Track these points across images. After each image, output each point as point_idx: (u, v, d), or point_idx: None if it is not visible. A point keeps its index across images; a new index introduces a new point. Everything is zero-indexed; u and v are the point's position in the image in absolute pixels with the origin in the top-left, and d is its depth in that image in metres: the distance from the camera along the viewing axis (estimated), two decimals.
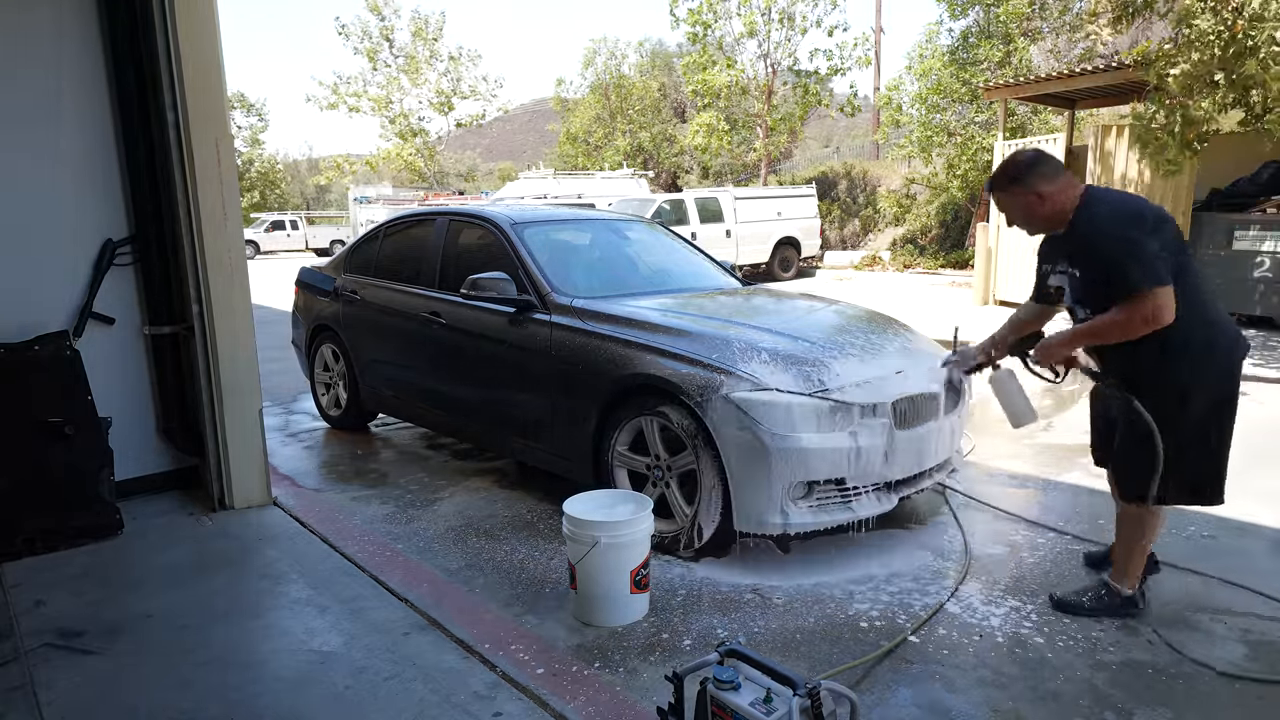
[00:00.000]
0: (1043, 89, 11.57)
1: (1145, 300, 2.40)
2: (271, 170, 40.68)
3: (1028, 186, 2.61)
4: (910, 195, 21.69)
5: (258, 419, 3.97)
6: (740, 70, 23.55)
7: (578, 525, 2.81)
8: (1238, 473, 2.96)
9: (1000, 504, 3.97)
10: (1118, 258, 2.45)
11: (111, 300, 3.93)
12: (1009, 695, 2.43)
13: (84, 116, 3.79)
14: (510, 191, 20.31)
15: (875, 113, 24.88)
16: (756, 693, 1.89)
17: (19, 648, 2.70)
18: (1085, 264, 2.60)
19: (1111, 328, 2.49)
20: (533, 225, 4.42)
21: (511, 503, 4.14)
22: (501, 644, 2.71)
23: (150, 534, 3.67)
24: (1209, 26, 6.59)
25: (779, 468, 3.05)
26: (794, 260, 17.76)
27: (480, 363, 4.24)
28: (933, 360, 3.62)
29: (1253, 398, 5.66)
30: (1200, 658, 2.59)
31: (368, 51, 32.55)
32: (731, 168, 27.57)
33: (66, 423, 3.57)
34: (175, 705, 2.39)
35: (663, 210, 15.67)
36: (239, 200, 3.86)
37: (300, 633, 2.80)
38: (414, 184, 33.11)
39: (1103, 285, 2.52)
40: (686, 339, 3.41)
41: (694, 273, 4.78)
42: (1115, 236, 2.46)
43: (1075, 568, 3.28)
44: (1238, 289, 8.86)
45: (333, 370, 5.53)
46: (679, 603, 3.02)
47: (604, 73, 32.81)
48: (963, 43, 18.86)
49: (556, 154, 35.73)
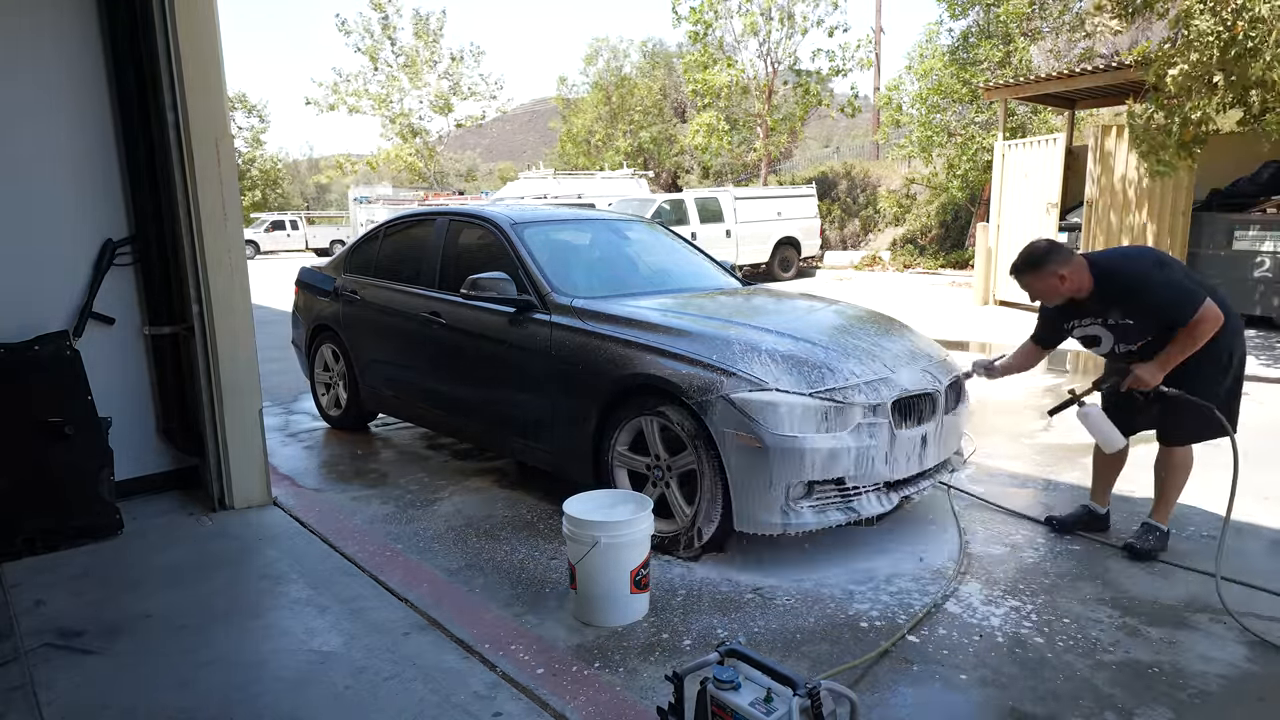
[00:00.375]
0: (1043, 89, 11.57)
1: (1202, 317, 2.98)
2: (273, 170, 40.67)
3: (1050, 270, 3.13)
4: (910, 195, 21.69)
5: (258, 419, 3.97)
6: (741, 70, 23.56)
7: (578, 525, 2.81)
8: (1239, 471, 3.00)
9: (1000, 504, 3.98)
10: (1164, 300, 3.04)
11: (111, 300, 3.93)
12: (1009, 695, 2.43)
13: (84, 116, 3.79)
14: (510, 191, 20.31)
15: (875, 113, 24.88)
16: (756, 693, 1.89)
17: (19, 648, 2.70)
18: (1137, 313, 3.12)
19: (1189, 345, 3.04)
20: (533, 225, 4.42)
21: (511, 503, 4.14)
22: (501, 644, 2.71)
23: (150, 534, 3.67)
24: (1208, 27, 6.59)
25: (779, 468, 3.05)
26: (794, 260, 17.75)
27: (480, 363, 4.24)
28: (933, 360, 3.62)
29: (1253, 398, 5.66)
30: (1200, 657, 2.59)
31: (369, 50, 32.56)
32: (732, 168, 27.56)
33: (66, 423, 3.56)
34: (175, 705, 2.39)
35: (663, 210, 15.67)
36: (239, 200, 3.86)
37: (300, 633, 2.80)
38: (414, 184, 33.12)
39: (1157, 320, 3.09)
40: (687, 339, 3.41)
41: (694, 273, 4.78)
42: (1157, 283, 3.06)
43: (1076, 567, 3.28)
44: (1238, 289, 8.84)
45: (333, 370, 5.53)
46: (679, 603, 3.02)
47: (606, 72, 32.82)
48: (963, 43, 18.86)
49: (557, 154, 35.73)
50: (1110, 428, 3.30)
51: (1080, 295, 3.19)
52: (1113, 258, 3.28)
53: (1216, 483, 3.43)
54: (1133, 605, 2.96)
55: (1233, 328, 3.15)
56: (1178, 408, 3.14)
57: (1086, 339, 3.35)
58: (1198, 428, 3.20)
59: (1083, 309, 3.25)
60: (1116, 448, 3.37)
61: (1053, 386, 6.56)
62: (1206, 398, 3.07)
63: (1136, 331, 3.17)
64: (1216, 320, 2.99)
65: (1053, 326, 3.45)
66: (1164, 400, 3.15)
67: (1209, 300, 2.99)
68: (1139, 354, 3.21)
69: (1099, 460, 3.62)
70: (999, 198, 11.78)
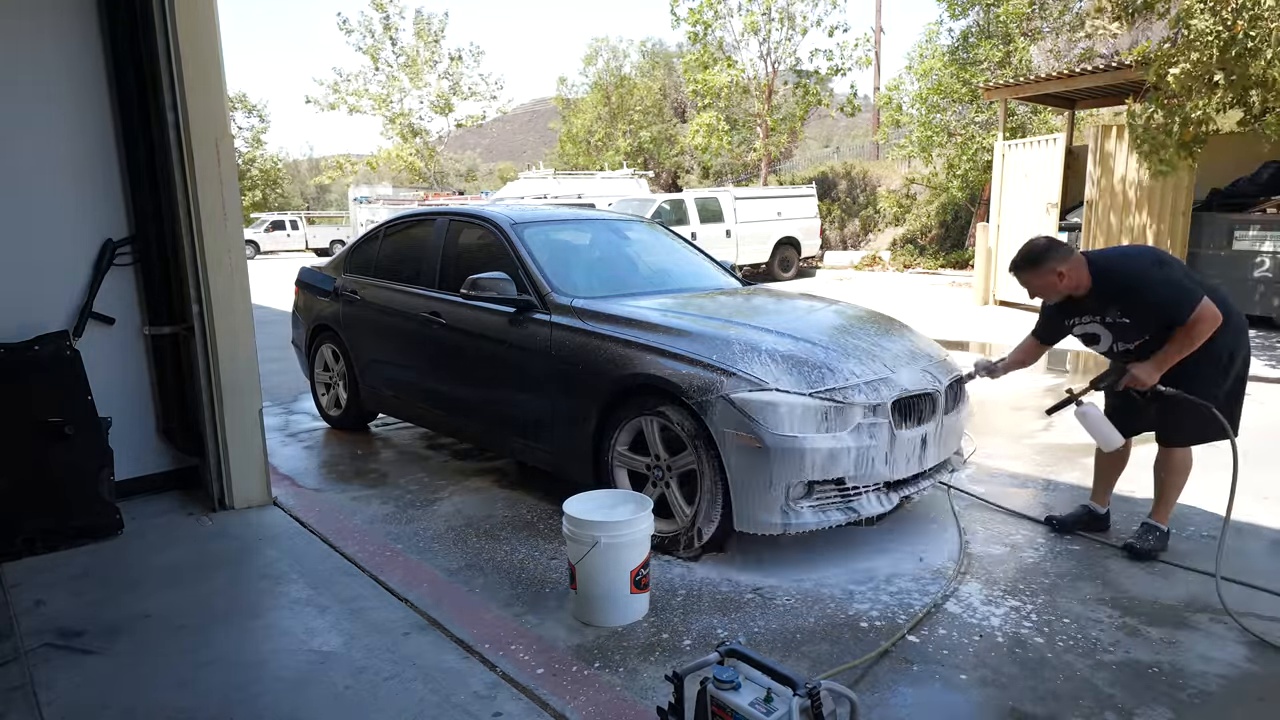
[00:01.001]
0: (1043, 89, 11.57)
1: (1199, 316, 2.96)
2: (273, 170, 40.67)
3: (1049, 267, 3.13)
4: (910, 195, 21.68)
5: (258, 419, 3.97)
6: (740, 70, 23.55)
7: (578, 525, 2.81)
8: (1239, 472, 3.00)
9: (1000, 504, 3.98)
10: (1162, 299, 3.03)
11: (111, 300, 3.93)
12: (1009, 695, 2.43)
13: (84, 117, 3.79)
14: (510, 191, 20.31)
15: (875, 113, 24.88)
16: (756, 693, 1.89)
17: (19, 648, 2.70)
18: (1135, 311, 3.12)
19: (1186, 345, 3.02)
20: (533, 225, 4.42)
21: (511, 503, 4.14)
22: (501, 644, 2.71)
23: (150, 534, 3.67)
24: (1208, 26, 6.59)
25: (779, 468, 3.05)
26: (794, 260, 17.75)
27: (480, 363, 4.24)
28: (933, 360, 3.62)
29: (1253, 398, 5.65)
30: (1200, 657, 2.59)
31: (369, 50, 32.56)
32: (732, 168, 27.56)
33: (66, 423, 3.56)
34: (175, 705, 2.39)
35: (663, 210, 15.67)
36: (239, 200, 3.86)
37: (300, 633, 2.80)
38: (414, 184, 33.11)
39: (1154, 319, 3.08)
40: (687, 339, 3.41)
41: (694, 273, 4.78)
42: (1154, 281, 3.05)
43: (1076, 567, 3.28)
44: (1238, 289, 8.83)
45: (333, 370, 5.53)
46: (679, 603, 3.02)
47: (605, 72, 32.81)
48: (963, 43, 18.86)
49: (557, 154, 35.73)
50: (1108, 427, 3.30)
51: (1079, 293, 3.19)
52: (1111, 256, 3.28)
53: (1216, 483, 3.43)
54: (1133, 605, 2.96)
55: (1235, 327, 3.14)
56: (1177, 408, 3.13)
57: (1086, 336, 3.36)
58: (1198, 429, 3.19)
59: (1081, 306, 3.26)
60: (1114, 447, 3.36)
61: (1053, 386, 6.56)
62: (1205, 398, 3.06)
63: (1134, 330, 3.17)
64: (1215, 320, 2.98)
65: (1053, 323, 3.46)
66: (1162, 400, 3.15)
67: (1207, 300, 2.98)
68: (1137, 353, 3.20)
69: (1100, 460, 3.62)
70: (999, 198, 11.78)
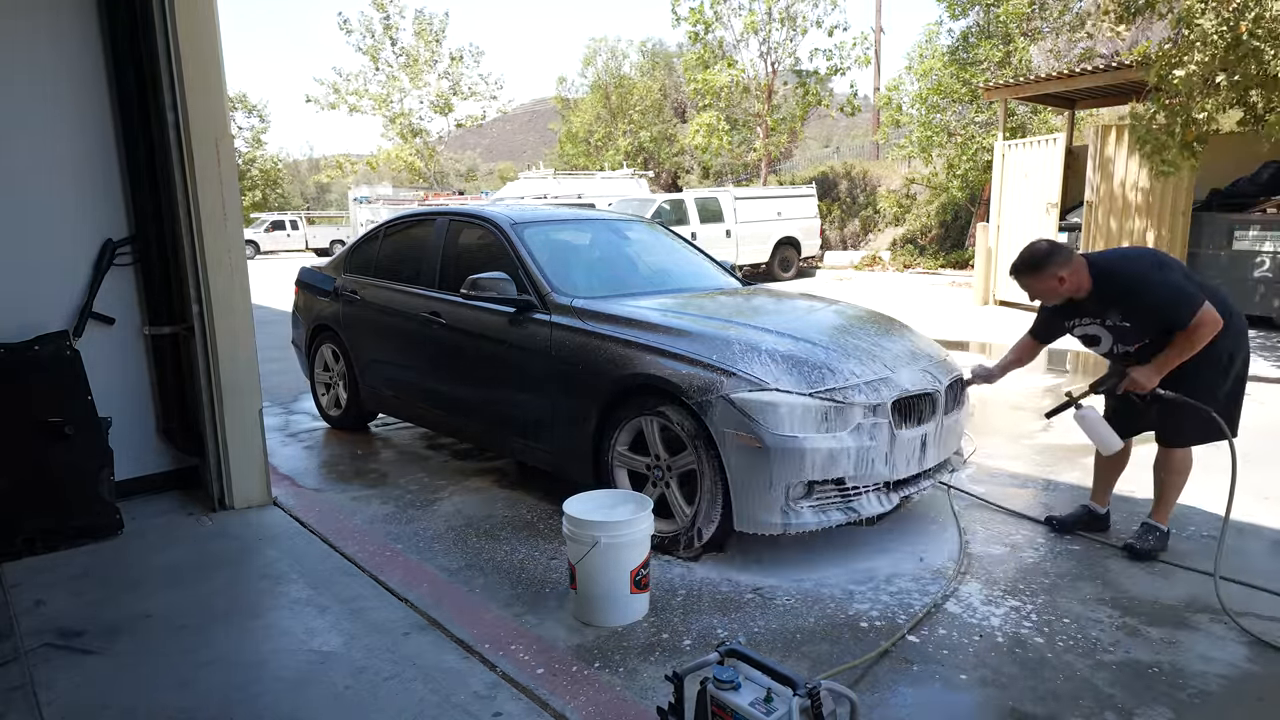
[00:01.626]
0: (1043, 89, 11.57)
1: (1200, 320, 2.96)
2: (273, 170, 40.67)
3: (1050, 272, 3.13)
4: (910, 195, 21.68)
5: (258, 419, 3.97)
6: (741, 70, 23.55)
7: (578, 525, 2.81)
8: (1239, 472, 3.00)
9: (1000, 504, 3.97)
10: (1162, 301, 3.03)
11: (111, 300, 3.93)
12: (1009, 695, 2.43)
13: (84, 117, 3.79)
14: (510, 191, 20.31)
15: (875, 113, 24.88)
16: (756, 693, 1.89)
17: (19, 648, 2.70)
18: (1135, 314, 3.11)
19: (1186, 349, 3.02)
20: (533, 225, 4.41)
21: (511, 503, 4.14)
22: (501, 644, 2.71)
23: (150, 534, 3.67)
24: (1211, 27, 6.58)
25: (779, 468, 3.05)
26: (794, 260, 17.75)
27: (480, 363, 4.24)
28: (933, 360, 3.62)
29: (1253, 398, 5.65)
30: (1200, 657, 2.59)
31: (369, 50, 32.55)
32: (732, 168, 27.56)
33: (66, 423, 3.56)
34: (175, 705, 2.39)
35: (663, 210, 15.67)
36: (239, 200, 3.86)
37: (300, 633, 2.80)
38: (414, 184, 33.11)
39: (1155, 322, 3.08)
40: (687, 339, 3.41)
41: (694, 273, 4.78)
42: (1155, 285, 3.04)
43: (1076, 567, 3.28)
44: (1238, 289, 8.84)
45: (333, 370, 5.53)
46: (679, 603, 3.02)
47: (605, 72, 32.81)
48: (963, 43, 18.86)
49: (557, 154, 35.73)
50: (1107, 430, 3.30)
51: (1079, 295, 3.19)
52: (1112, 258, 3.29)
53: (1216, 483, 3.43)
54: (1133, 605, 2.96)
55: (1235, 329, 3.14)
56: (1177, 410, 3.13)
57: (1086, 338, 3.36)
58: (1198, 430, 3.18)
59: (1081, 309, 3.26)
60: (1113, 450, 3.36)
61: (1053, 387, 6.56)
62: (1205, 401, 3.05)
63: (1134, 333, 3.17)
64: (1215, 324, 2.97)
65: (1051, 324, 3.46)
66: (1162, 403, 3.15)
67: (1208, 304, 2.98)
68: (1137, 356, 3.20)
69: (1100, 461, 3.62)
70: (999, 198, 11.78)
